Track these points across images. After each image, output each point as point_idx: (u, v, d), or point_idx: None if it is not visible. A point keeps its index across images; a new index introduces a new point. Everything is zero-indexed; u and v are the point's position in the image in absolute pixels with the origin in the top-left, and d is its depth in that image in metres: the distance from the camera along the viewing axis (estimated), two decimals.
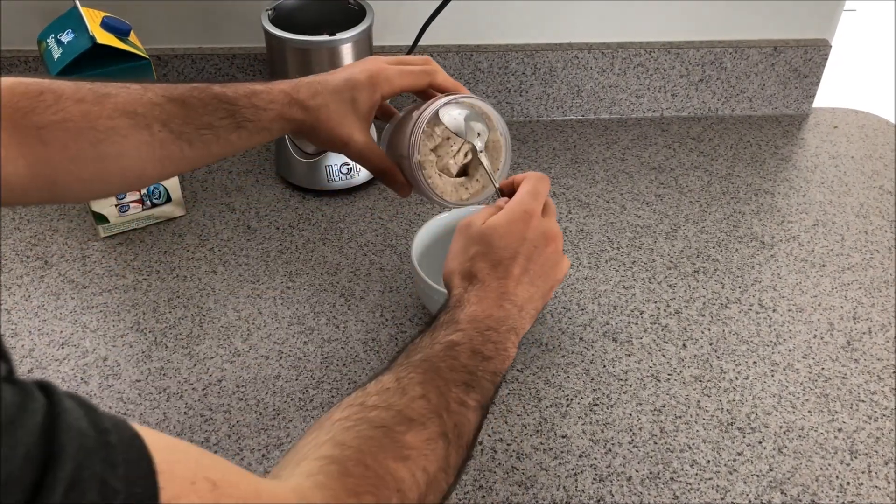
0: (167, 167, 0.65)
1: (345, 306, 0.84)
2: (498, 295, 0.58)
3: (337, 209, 0.98)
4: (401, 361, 0.53)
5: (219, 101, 0.64)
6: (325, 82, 0.67)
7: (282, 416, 0.73)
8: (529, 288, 0.60)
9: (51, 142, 0.59)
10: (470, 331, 0.55)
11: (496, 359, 0.55)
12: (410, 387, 0.50)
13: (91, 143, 0.60)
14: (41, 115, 0.58)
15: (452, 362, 0.52)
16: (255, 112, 0.65)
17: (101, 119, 0.60)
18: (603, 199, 1.01)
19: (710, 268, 0.91)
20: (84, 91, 0.60)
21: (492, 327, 0.56)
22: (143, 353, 0.79)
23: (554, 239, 0.62)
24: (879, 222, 0.98)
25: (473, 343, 0.54)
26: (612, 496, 0.67)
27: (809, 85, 1.16)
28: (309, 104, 0.66)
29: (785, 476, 0.69)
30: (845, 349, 0.81)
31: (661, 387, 0.77)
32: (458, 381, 0.52)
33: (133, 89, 0.62)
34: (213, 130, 0.64)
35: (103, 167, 0.62)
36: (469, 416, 0.51)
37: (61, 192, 0.63)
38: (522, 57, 1.10)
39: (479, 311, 0.57)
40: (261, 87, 0.66)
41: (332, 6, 0.97)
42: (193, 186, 1.00)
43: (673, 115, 1.17)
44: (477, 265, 0.60)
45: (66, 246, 0.91)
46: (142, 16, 1.03)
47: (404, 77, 0.69)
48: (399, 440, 0.46)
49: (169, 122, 0.62)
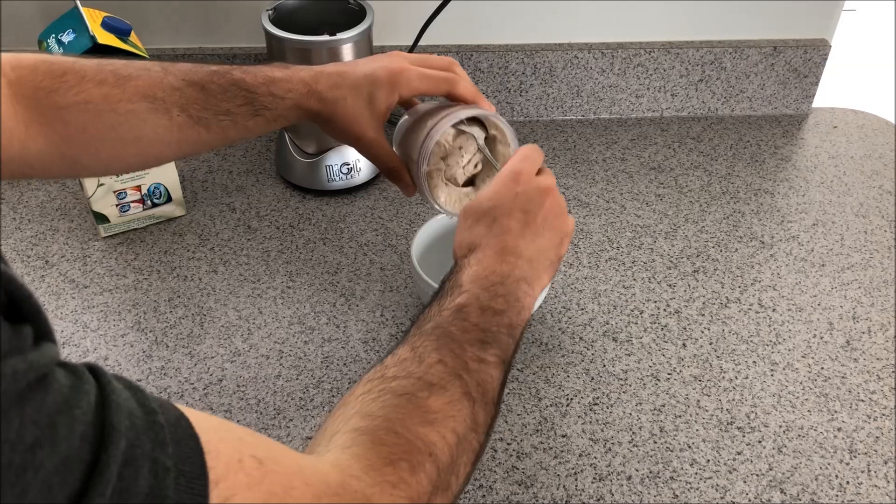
0: (184, 149, 0.66)
1: (345, 306, 0.84)
2: (498, 251, 0.57)
3: (337, 209, 0.98)
4: (413, 332, 0.53)
5: (238, 87, 0.65)
6: (345, 75, 0.67)
7: (282, 415, 0.73)
8: (536, 239, 0.58)
9: (71, 122, 0.60)
10: (475, 289, 0.54)
11: (509, 311, 0.54)
12: (426, 354, 0.50)
13: (111, 125, 0.62)
14: (63, 95, 0.60)
15: (463, 324, 0.52)
16: (273, 100, 0.65)
17: (122, 102, 0.61)
18: (603, 199, 1.01)
19: (709, 267, 0.91)
20: (106, 73, 0.62)
21: (496, 282, 0.55)
22: (143, 353, 0.79)
23: (549, 191, 0.60)
24: (879, 222, 0.98)
25: (480, 301, 0.53)
26: (612, 495, 0.67)
27: (809, 85, 1.16)
28: (327, 96, 0.67)
29: (784, 475, 0.69)
30: (845, 349, 0.81)
31: (661, 386, 0.77)
32: (473, 339, 0.51)
33: (154, 72, 0.63)
34: (230, 116, 0.65)
35: (122, 148, 0.64)
36: (491, 373, 0.51)
37: (81, 168, 0.66)
38: (522, 57, 1.10)
39: (481, 269, 0.56)
40: (280, 74, 0.66)
41: (332, 6, 0.97)
42: (194, 186, 1.01)
43: (673, 115, 1.17)
44: (473, 231, 0.59)
45: (67, 246, 0.91)
46: (142, 16, 1.03)
47: (424, 81, 0.68)
48: (423, 405, 0.46)
49: (188, 106, 0.63)
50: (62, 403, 0.29)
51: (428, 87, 0.69)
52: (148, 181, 0.91)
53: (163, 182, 0.92)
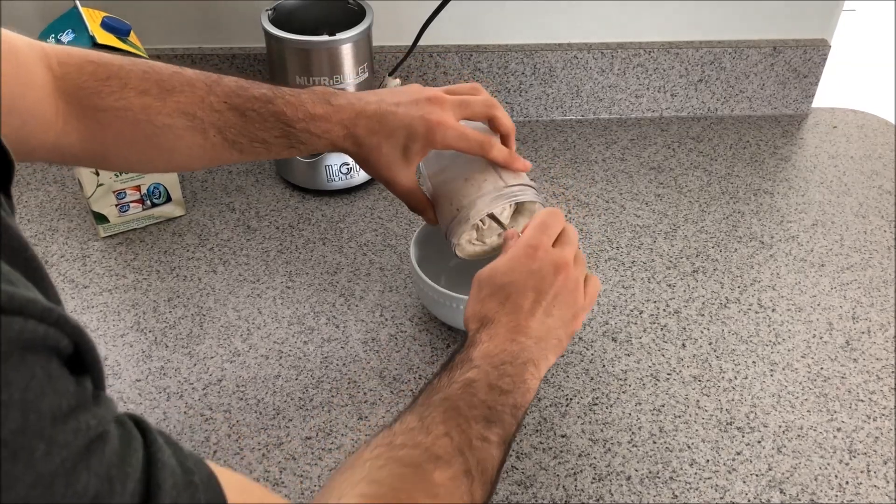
0: (214, 164, 0.68)
1: (345, 306, 0.84)
2: (510, 329, 0.58)
3: (337, 209, 0.98)
4: (422, 401, 0.53)
5: (276, 119, 0.65)
6: (383, 121, 0.66)
7: (282, 415, 0.73)
8: (546, 319, 0.59)
9: (108, 125, 0.61)
10: (485, 366, 0.55)
11: (515, 392, 0.55)
12: (433, 425, 0.50)
13: (146, 135, 0.63)
14: (104, 99, 0.61)
15: (471, 399, 0.53)
16: (310, 137, 0.66)
17: (161, 115, 0.62)
18: (602, 199, 1.01)
19: (709, 267, 0.91)
20: (150, 83, 0.62)
21: (506, 361, 0.56)
22: (143, 353, 0.79)
23: (564, 267, 0.60)
24: (878, 222, 0.98)
25: (489, 378, 0.54)
26: (612, 495, 0.67)
27: (809, 85, 1.16)
28: (363, 142, 0.67)
29: (784, 475, 0.69)
30: (844, 349, 0.81)
31: (661, 386, 0.77)
32: (478, 416, 0.52)
33: (198, 89, 0.64)
34: (265, 145, 0.66)
35: (154, 156, 0.65)
36: (492, 452, 0.51)
37: (110, 165, 0.69)
38: (522, 57, 1.10)
39: (492, 347, 0.56)
40: (321, 111, 0.66)
41: (332, 6, 0.97)
42: (193, 186, 1.01)
43: (672, 115, 1.17)
44: (487, 306, 0.60)
45: (67, 246, 0.91)
46: (142, 16, 1.03)
47: (459, 143, 0.68)
48: (428, 478, 0.47)
49: (225, 130, 0.64)
50: (117, 459, 0.30)
51: (464, 149, 0.69)
52: (147, 181, 0.91)
53: (162, 182, 0.92)
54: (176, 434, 0.71)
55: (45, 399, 0.27)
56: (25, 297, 0.27)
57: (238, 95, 0.64)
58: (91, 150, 0.63)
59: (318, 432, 0.72)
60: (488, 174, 0.70)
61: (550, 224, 0.63)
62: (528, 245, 0.61)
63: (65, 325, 0.29)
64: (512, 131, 0.72)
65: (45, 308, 0.28)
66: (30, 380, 0.27)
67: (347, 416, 0.73)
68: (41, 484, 0.26)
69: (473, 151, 0.69)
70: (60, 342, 0.29)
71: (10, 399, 0.26)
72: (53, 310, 0.28)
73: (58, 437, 0.27)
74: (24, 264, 0.31)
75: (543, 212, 0.65)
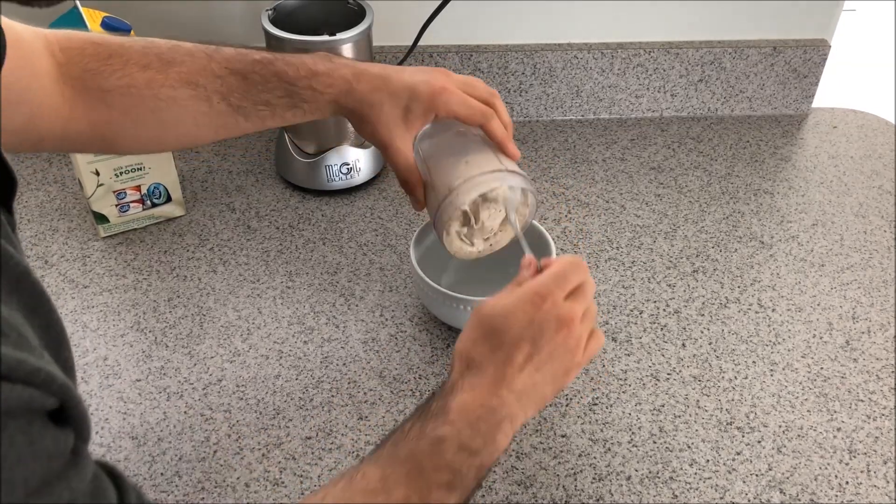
0: (221, 134, 0.68)
1: (344, 306, 0.84)
2: (493, 381, 0.54)
3: (337, 209, 0.98)
4: (388, 451, 0.52)
5: (279, 79, 0.65)
6: (387, 80, 0.67)
7: (282, 415, 0.73)
8: (533, 374, 0.55)
9: (114, 105, 0.62)
10: (459, 423, 0.52)
11: (483, 452, 0.52)
12: (395, 488, 0.50)
13: (152, 110, 0.63)
14: (108, 78, 0.61)
15: (437, 460, 0.51)
16: (313, 94, 0.66)
17: (164, 88, 0.62)
18: (602, 199, 1.01)
19: (709, 267, 0.91)
20: (151, 56, 0.62)
21: (482, 417, 0.53)
22: (143, 353, 0.79)
23: (568, 324, 0.55)
24: (878, 222, 0.98)
25: (461, 437, 0.52)
26: (612, 495, 0.67)
27: (809, 85, 1.16)
28: (365, 98, 0.66)
29: (784, 475, 0.69)
30: (844, 349, 0.81)
31: (661, 386, 0.77)
32: (442, 482, 0.51)
33: (198, 58, 0.64)
34: (269, 107, 0.66)
35: (161, 131, 0.66)
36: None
37: (119, 148, 0.68)
38: (522, 57, 1.10)
39: (471, 399, 0.53)
40: (323, 67, 0.66)
41: (332, 6, 0.97)
42: (193, 186, 1.01)
43: (672, 115, 1.17)
44: (477, 349, 0.56)
45: (67, 246, 0.91)
46: (142, 16, 1.03)
47: (462, 107, 0.67)
48: None
49: (228, 95, 0.64)
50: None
51: (465, 115, 0.68)
52: (147, 181, 0.91)
53: (162, 182, 0.92)
54: (176, 434, 0.71)
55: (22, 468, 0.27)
56: (13, 360, 0.27)
57: (238, 60, 0.65)
58: (100, 134, 0.63)
59: (318, 432, 0.72)
60: (489, 157, 0.68)
61: (569, 277, 0.57)
62: (537, 293, 0.56)
63: (51, 384, 0.29)
64: (510, 126, 0.71)
65: (31, 370, 0.28)
66: (9, 448, 0.27)
67: (347, 416, 0.73)
68: None
69: (475, 119, 0.68)
70: (45, 402, 0.29)
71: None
72: (40, 370, 0.28)
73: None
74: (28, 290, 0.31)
75: (566, 261, 0.58)
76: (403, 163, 0.69)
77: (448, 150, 0.71)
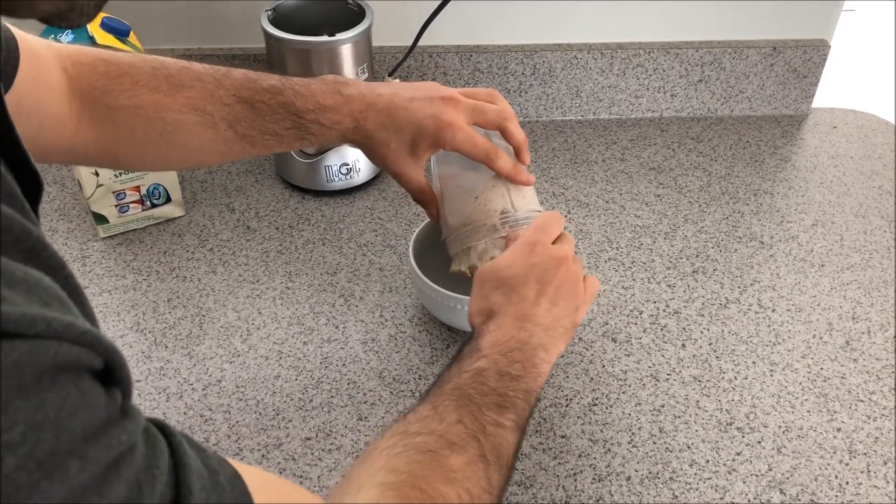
0: (227, 159, 0.69)
1: (344, 306, 0.84)
2: (516, 318, 0.58)
3: (337, 209, 0.98)
4: (434, 392, 0.54)
5: (286, 111, 0.65)
6: (394, 117, 0.66)
7: (281, 416, 0.73)
8: (552, 308, 0.59)
9: (121, 124, 0.62)
10: (493, 355, 0.55)
11: (526, 377, 0.55)
12: (446, 413, 0.51)
13: (158, 132, 0.63)
14: (116, 97, 0.61)
15: (482, 387, 0.53)
16: (320, 129, 0.66)
17: (171, 112, 0.63)
18: (602, 200, 1.01)
19: (709, 268, 0.91)
20: (160, 79, 0.63)
21: (515, 348, 0.56)
22: (142, 354, 0.79)
23: (564, 260, 0.61)
24: (878, 222, 0.98)
25: (499, 365, 0.55)
26: (612, 496, 0.67)
27: (808, 85, 1.16)
28: (372, 135, 0.67)
29: (784, 476, 0.69)
30: (844, 349, 0.81)
31: (661, 387, 0.77)
32: (491, 403, 0.52)
33: (206, 83, 0.64)
34: (276, 137, 0.66)
35: (167, 153, 0.66)
36: (507, 437, 0.52)
37: (123, 164, 0.71)
38: (522, 57, 1.10)
39: (500, 335, 0.57)
40: (331, 102, 0.65)
41: (332, 6, 0.97)
42: (193, 187, 1.00)
43: (672, 116, 1.17)
44: (491, 299, 0.60)
45: (66, 246, 0.91)
46: (142, 16, 1.03)
47: (466, 147, 0.68)
48: (444, 463, 0.48)
49: (235, 123, 0.65)
50: (145, 464, 0.31)
51: (469, 153, 0.68)
52: (147, 182, 0.91)
53: (162, 183, 0.92)
54: None
55: (78, 417, 0.28)
56: (63, 323, 0.28)
57: (247, 88, 0.65)
58: (105, 150, 0.64)
59: (317, 433, 0.72)
60: (498, 195, 0.70)
61: (550, 225, 0.64)
62: (528, 242, 0.62)
63: (97, 345, 0.30)
64: (524, 144, 0.71)
65: (80, 331, 0.29)
66: (63, 400, 0.28)
67: (347, 417, 0.73)
68: (74, 495, 0.27)
69: (479, 159, 0.69)
70: (93, 361, 0.30)
71: (44, 420, 0.27)
72: (88, 332, 0.29)
73: (90, 453, 0.28)
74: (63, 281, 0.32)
75: (544, 214, 0.65)
76: (416, 187, 0.71)
77: (460, 176, 0.72)
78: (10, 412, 0.26)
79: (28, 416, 0.26)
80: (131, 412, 0.32)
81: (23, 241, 0.31)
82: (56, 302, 0.30)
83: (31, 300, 0.28)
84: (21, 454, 0.26)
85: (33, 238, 0.31)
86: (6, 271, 0.28)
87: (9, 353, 0.26)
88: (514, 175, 0.70)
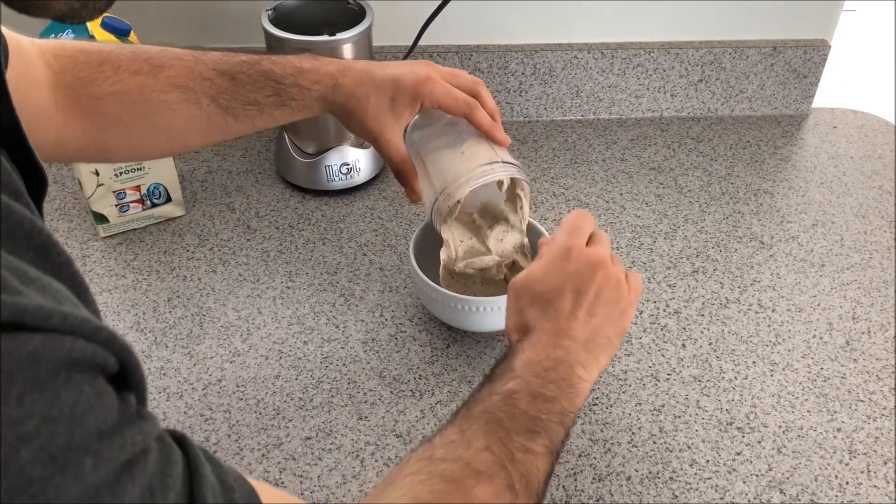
0: (212, 136, 0.69)
1: (344, 306, 0.84)
2: (552, 335, 0.55)
3: (337, 209, 0.98)
4: (462, 414, 0.52)
5: (266, 78, 0.66)
6: (372, 73, 0.68)
7: (281, 415, 0.73)
8: (590, 320, 0.56)
9: (107, 112, 0.63)
10: (526, 376, 0.53)
11: (561, 398, 0.53)
12: (474, 438, 0.49)
13: (144, 115, 0.64)
14: (100, 85, 0.62)
15: (512, 410, 0.51)
16: (300, 91, 0.67)
17: (155, 92, 0.63)
18: (602, 200, 1.01)
19: (709, 268, 0.91)
20: (140, 62, 0.64)
21: (549, 367, 0.54)
22: (142, 353, 0.79)
23: (601, 263, 0.58)
24: (878, 222, 0.98)
25: (531, 387, 0.52)
26: (612, 496, 0.67)
27: (809, 85, 1.16)
28: (351, 92, 0.68)
29: (784, 476, 0.69)
30: (844, 349, 0.81)
31: (661, 386, 0.77)
32: (521, 428, 0.50)
33: (186, 61, 0.65)
34: (258, 106, 0.67)
35: (153, 136, 0.67)
36: (537, 464, 0.49)
37: (111, 155, 0.70)
38: (522, 57, 1.10)
39: (534, 354, 0.54)
40: (308, 65, 0.67)
41: (332, 6, 0.97)
42: (193, 186, 1.00)
43: (672, 116, 1.17)
44: (527, 314, 0.57)
45: (66, 246, 0.91)
46: (142, 16, 1.03)
47: (447, 98, 0.69)
48: (469, 493, 0.46)
49: (217, 96, 0.65)
50: (158, 471, 0.31)
51: (449, 105, 0.69)
52: (147, 181, 0.91)
53: (162, 182, 0.92)
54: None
55: (92, 415, 0.28)
56: (78, 318, 0.28)
57: (225, 62, 0.66)
58: (93, 141, 0.64)
59: (317, 432, 0.72)
60: (484, 149, 0.70)
61: (580, 225, 0.61)
62: (562, 248, 0.59)
63: (112, 344, 0.30)
64: (497, 112, 0.72)
65: (95, 328, 0.29)
66: (78, 396, 0.28)
67: (347, 417, 0.73)
68: (87, 495, 0.27)
69: (460, 111, 0.69)
70: (107, 360, 0.30)
71: (59, 415, 0.26)
72: (103, 329, 0.29)
73: (104, 452, 0.28)
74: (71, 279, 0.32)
75: (572, 214, 0.62)
76: (396, 154, 0.71)
77: (442, 140, 0.72)
78: (25, 404, 0.25)
79: (43, 410, 0.26)
80: (146, 415, 0.32)
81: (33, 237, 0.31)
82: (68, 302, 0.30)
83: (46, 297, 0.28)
84: (35, 447, 0.25)
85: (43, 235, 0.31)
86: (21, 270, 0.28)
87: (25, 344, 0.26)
88: (492, 130, 0.71)
